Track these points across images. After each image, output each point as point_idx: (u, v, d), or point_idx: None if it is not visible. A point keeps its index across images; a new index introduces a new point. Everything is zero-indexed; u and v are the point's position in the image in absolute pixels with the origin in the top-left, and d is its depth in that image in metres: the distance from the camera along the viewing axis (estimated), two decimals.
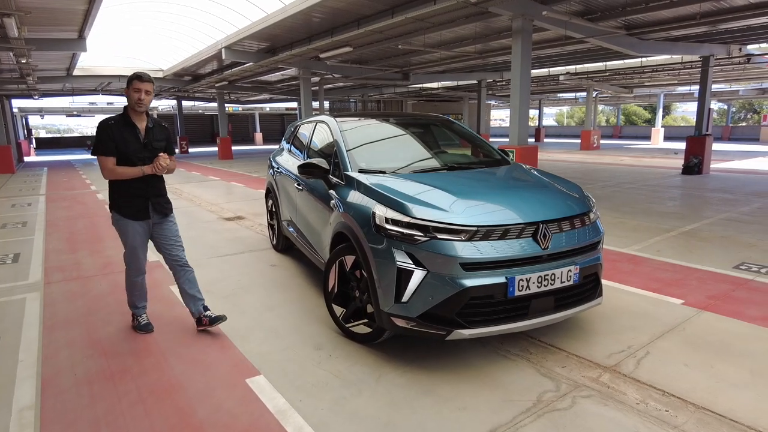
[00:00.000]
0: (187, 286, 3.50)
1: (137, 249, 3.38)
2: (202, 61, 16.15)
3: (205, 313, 3.51)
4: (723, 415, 2.48)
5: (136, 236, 3.34)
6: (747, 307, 3.85)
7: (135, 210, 3.28)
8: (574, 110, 58.80)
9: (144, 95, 3.16)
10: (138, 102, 3.16)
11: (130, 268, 3.43)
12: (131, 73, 3.21)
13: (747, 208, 8.06)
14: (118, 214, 3.29)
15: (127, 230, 3.31)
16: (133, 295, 3.53)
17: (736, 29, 10.92)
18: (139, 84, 3.14)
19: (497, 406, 2.58)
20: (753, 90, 28.15)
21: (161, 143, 3.35)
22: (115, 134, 3.15)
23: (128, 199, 3.26)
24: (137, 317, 3.57)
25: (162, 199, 3.43)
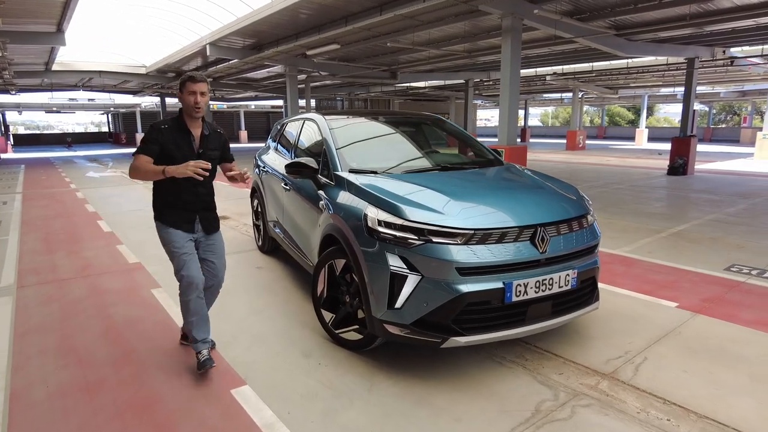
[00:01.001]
0: (209, 302, 3.12)
1: (187, 257, 2.85)
2: (186, 57, 15.84)
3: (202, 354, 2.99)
4: (726, 424, 2.42)
5: (185, 243, 2.87)
6: (741, 311, 3.81)
7: (181, 221, 2.88)
8: (558, 111, 59.29)
9: (200, 98, 2.78)
10: (195, 107, 2.77)
11: (182, 284, 2.85)
12: (183, 75, 2.81)
13: (733, 209, 8.11)
14: (161, 222, 2.90)
15: (172, 238, 2.86)
16: (189, 320, 2.87)
17: (721, 32, 11.03)
18: (193, 86, 2.76)
19: (494, 417, 2.48)
20: (734, 92, 28.62)
21: (216, 152, 2.98)
22: (165, 139, 2.77)
23: (174, 208, 2.88)
24: (198, 354, 2.89)
25: (210, 214, 3.03)
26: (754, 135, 26.26)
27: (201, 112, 2.81)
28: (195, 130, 2.88)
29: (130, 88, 25.78)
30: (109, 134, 45.77)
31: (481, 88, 26.48)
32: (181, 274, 2.84)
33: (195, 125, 2.87)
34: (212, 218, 3.04)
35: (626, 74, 19.55)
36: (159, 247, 6.08)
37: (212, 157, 2.93)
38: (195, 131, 2.88)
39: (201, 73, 2.78)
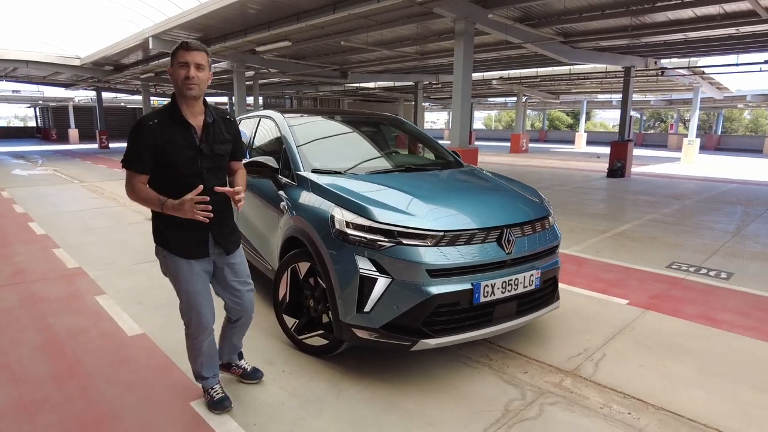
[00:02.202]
0: (238, 336, 2.64)
1: (198, 295, 2.31)
2: (126, 50, 15.00)
3: (239, 363, 2.73)
4: (681, 414, 2.53)
5: (195, 278, 2.30)
6: (684, 306, 4.03)
7: (190, 244, 2.26)
8: (501, 114, 61.10)
9: (193, 70, 2.11)
10: (187, 82, 2.11)
11: (190, 327, 2.38)
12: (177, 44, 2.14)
13: (668, 209, 8.64)
14: (166, 250, 2.27)
15: (179, 271, 2.28)
16: (199, 362, 2.47)
17: (655, 43, 11.73)
18: (185, 55, 2.10)
19: (466, 419, 2.47)
20: (662, 101, 30.59)
21: (225, 146, 2.31)
22: (156, 139, 2.12)
23: (179, 228, 2.21)
24: (208, 390, 2.50)
25: (226, 228, 2.38)
26: (680, 141, 28.22)
27: (195, 90, 2.14)
28: (194, 119, 2.21)
29: (62, 80, 24.14)
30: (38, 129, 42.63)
31: (429, 90, 26.83)
32: (191, 316, 2.33)
33: (193, 112, 2.21)
34: (229, 232, 2.40)
35: (568, 80, 20.41)
36: (101, 250, 5.73)
37: (220, 153, 2.29)
38: (194, 120, 2.21)
39: (197, 42, 2.17)
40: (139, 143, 2.13)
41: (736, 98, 26.42)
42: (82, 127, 34.26)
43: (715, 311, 3.93)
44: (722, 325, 3.67)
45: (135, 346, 3.20)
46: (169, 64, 2.19)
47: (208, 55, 2.20)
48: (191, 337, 2.41)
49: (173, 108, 2.20)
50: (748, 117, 45.59)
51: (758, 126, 44.27)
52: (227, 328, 2.62)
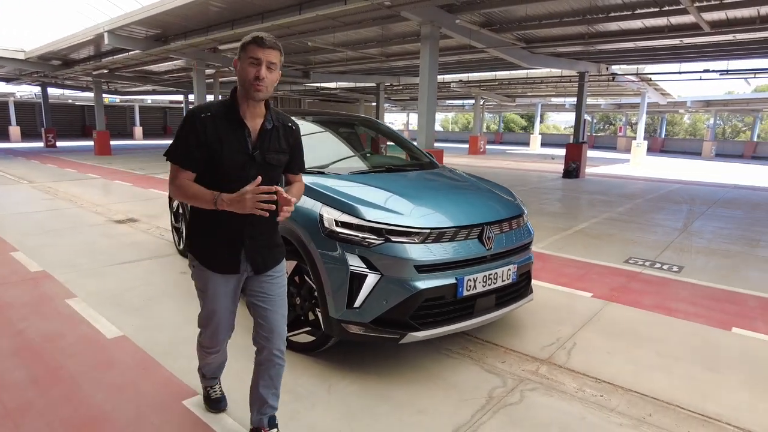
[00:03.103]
0: (264, 381, 2.12)
1: (218, 314, 2.11)
2: (77, 44, 14.38)
3: (270, 430, 2.16)
4: (646, 394, 2.77)
5: (220, 297, 2.08)
6: (642, 297, 4.34)
7: (220, 258, 2.02)
8: (458, 116, 62.24)
9: (264, 71, 1.85)
10: (256, 83, 1.85)
11: (203, 338, 2.23)
12: (247, 36, 1.88)
13: (622, 208, 9.15)
14: (195, 257, 2.07)
15: (207, 287, 2.07)
16: (203, 364, 2.41)
17: (607, 50, 12.36)
18: (258, 51, 1.84)
19: (454, 406, 2.61)
20: (611, 104, 32.10)
21: (281, 156, 2.04)
22: (209, 135, 1.89)
23: (213, 238, 2.01)
24: (208, 387, 2.49)
25: (263, 241, 2.06)
26: (628, 143, 29.70)
27: (263, 93, 1.88)
28: (252, 121, 1.96)
29: (3, 74, 22.81)
30: None
31: (390, 92, 27.08)
32: (205, 330, 2.20)
33: (253, 113, 1.96)
34: (265, 246, 2.07)
35: (524, 84, 21.12)
36: (65, 252, 5.58)
37: (272, 163, 2.00)
38: (252, 122, 1.96)
39: (273, 38, 1.88)
40: (189, 136, 1.90)
41: (677, 104, 28.07)
42: (25, 125, 32.47)
43: (669, 301, 4.25)
44: (677, 313, 3.98)
45: (117, 349, 3.16)
46: (237, 56, 1.92)
47: (282, 54, 1.93)
48: (202, 347, 2.30)
49: (231, 104, 1.95)
50: (688, 121, 48.45)
51: (696, 130, 47.10)
52: (255, 369, 2.15)
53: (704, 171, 18.73)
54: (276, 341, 2.09)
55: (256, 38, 1.85)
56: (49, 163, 16.20)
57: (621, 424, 2.49)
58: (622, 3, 8.53)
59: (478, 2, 8.38)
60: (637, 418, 2.55)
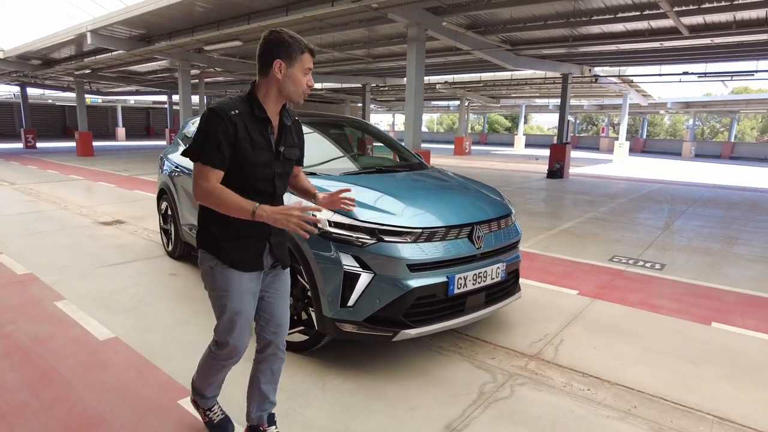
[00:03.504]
0: (267, 377, 2.14)
1: (244, 315, 2.00)
2: (59, 44, 14.17)
3: (269, 427, 2.21)
4: (632, 387, 2.86)
5: (246, 296, 1.99)
6: (627, 294, 4.46)
7: (248, 256, 1.97)
8: (443, 118, 62.59)
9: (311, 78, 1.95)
10: (307, 90, 1.94)
11: (223, 349, 2.05)
12: (288, 39, 1.85)
13: (606, 208, 9.33)
14: (217, 258, 1.95)
15: (232, 287, 1.95)
16: (208, 383, 2.21)
17: (590, 53, 12.58)
18: (311, 61, 1.92)
19: (446, 401, 2.67)
20: (594, 106, 32.60)
21: (296, 150, 2.09)
22: (239, 132, 1.83)
23: (238, 238, 1.94)
24: (207, 411, 2.27)
25: (283, 240, 2.10)
26: (610, 143, 30.16)
27: (302, 101, 1.96)
28: (274, 118, 1.95)
29: None
30: None
31: (376, 92, 27.14)
32: (228, 340, 2.02)
33: (275, 111, 1.95)
34: (285, 244, 2.12)
35: (508, 85, 21.35)
36: (52, 255, 5.54)
37: (289, 158, 2.04)
38: (274, 119, 1.96)
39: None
40: (219, 134, 1.80)
41: (658, 105, 28.64)
42: (3, 126, 31.88)
43: (653, 298, 4.37)
44: (660, 309, 4.10)
45: (109, 350, 3.15)
46: (285, 59, 1.85)
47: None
48: (218, 359, 2.10)
49: (255, 101, 1.90)
50: (668, 122, 49.42)
51: (676, 130, 48.06)
52: (255, 366, 2.17)
53: (684, 171, 19.14)
54: (283, 336, 2.13)
55: (312, 50, 1.91)
56: (29, 164, 15.92)
57: (608, 416, 2.58)
58: (605, 7, 8.71)
59: (463, 4, 8.48)
60: (623, 410, 2.64)
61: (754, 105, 28.47)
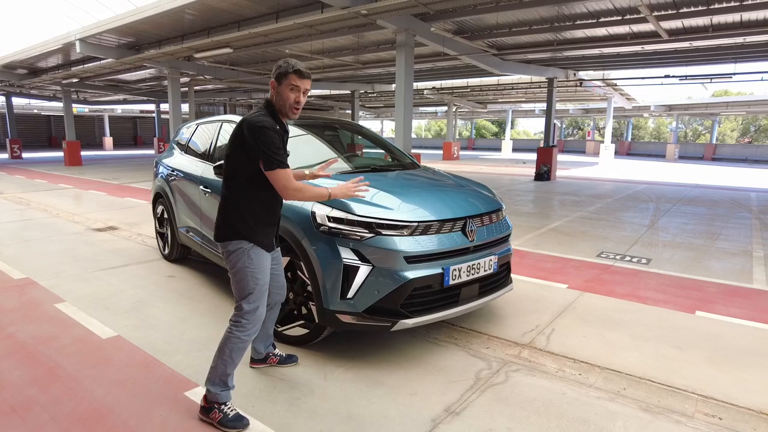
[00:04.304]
0: (270, 323, 2.84)
1: (266, 286, 2.48)
2: (46, 53, 14.13)
3: (275, 351, 2.98)
4: (620, 371, 2.99)
5: (268, 271, 2.49)
6: (615, 287, 4.61)
7: (270, 240, 2.50)
8: (431, 124, 63.02)
9: (302, 96, 2.37)
10: (296, 106, 2.36)
11: (251, 319, 2.41)
12: (282, 64, 2.33)
13: (593, 207, 9.53)
14: (252, 242, 2.37)
15: (262, 263, 2.42)
16: (231, 364, 2.42)
17: (575, 57, 12.85)
18: (298, 80, 2.32)
19: (443, 387, 2.77)
20: (579, 110, 33.13)
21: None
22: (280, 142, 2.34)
23: (266, 225, 2.45)
24: (221, 406, 2.39)
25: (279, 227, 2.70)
26: (596, 147, 30.63)
27: (297, 114, 2.41)
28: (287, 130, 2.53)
29: None
30: None
31: (365, 99, 27.33)
32: (259, 304, 2.42)
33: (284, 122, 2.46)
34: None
35: (495, 90, 21.67)
36: (47, 260, 5.59)
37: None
38: None
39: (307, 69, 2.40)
40: (278, 143, 2.30)
41: (642, 108, 29.19)
42: None
43: (639, 290, 4.52)
44: (646, 300, 4.25)
45: (113, 348, 3.21)
46: (276, 79, 2.35)
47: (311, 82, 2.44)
48: (245, 331, 2.40)
49: (276, 117, 2.39)
50: (652, 125, 50.27)
51: (660, 133, 48.90)
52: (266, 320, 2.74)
53: (669, 172, 19.52)
54: (283, 294, 2.81)
55: (297, 70, 2.31)
56: (16, 174, 15.79)
57: (599, 397, 2.70)
58: (587, 12, 8.95)
59: (450, 11, 8.65)
60: (613, 391, 2.76)
61: (733, 107, 29.14)
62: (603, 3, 8.37)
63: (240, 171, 2.35)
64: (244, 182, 2.36)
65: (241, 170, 2.35)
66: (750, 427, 2.45)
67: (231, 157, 2.38)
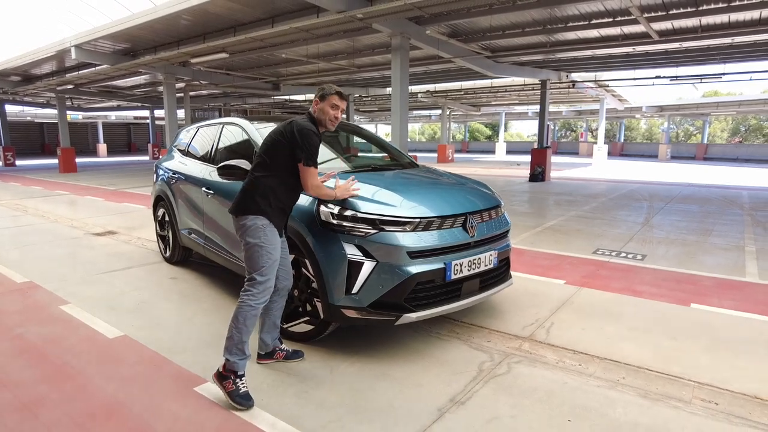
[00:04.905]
0: (278, 313, 2.99)
1: (277, 262, 2.75)
2: (41, 59, 14.12)
3: (281, 346, 3.08)
4: (619, 361, 3.07)
5: (278, 250, 2.76)
6: (611, 282, 4.70)
7: (282, 223, 2.84)
8: (424, 127, 63.22)
9: (340, 114, 2.86)
10: (334, 120, 2.83)
11: (262, 288, 2.67)
12: (326, 87, 2.83)
13: (588, 207, 9.65)
14: (268, 220, 2.69)
15: (274, 240, 2.71)
16: (246, 331, 2.65)
17: (567, 59, 13.02)
18: (340, 101, 2.82)
19: (448, 378, 2.84)
20: (572, 111, 33.42)
21: None
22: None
23: (283, 214, 2.82)
24: (236, 377, 2.58)
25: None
26: (589, 148, 30.88)
27: (334, 127, 2.87)
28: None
29: None
30: None
31: (359, 103, 27.47)
32: (270, 276, 2.70)
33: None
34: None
35: (488, 93, 21.84)
36: (49, 264, 5.63)
37: None
38: None
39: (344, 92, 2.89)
40: (316, 144, 2.73)
41: (634, 109, 29.47)
42: None
43: (635, 285, 4.61)
44: (642, 294, 4.34)
45: (121, 347, 3.26)
46: (320, 98, 2.82)
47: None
48: (256, 298, 2.66)
49: (316, 125, 2.83)
50: (644, 126, 50.69)
51: (653, 134, 49.32)
52: (270, 304, 2.88)
53: (661, 172, 19.73)
54: (290, 281, 3.00)
55: (339, 92, 2.82)
56: (11, 181, 15.75)
57: (599, 386, 2.78)
58: (579, 14, 9.09)
59: (444, 14, 8.77)
60: (612, 380, 2.84)
61: (723, 107, 29.49)
62: (594, 5, 8.51)
63: (279, 161, 2.73)
64: (278, 169, 2.73)
65: (280, 160, 2.73)
66: (746, 412, 2.53)
67: (272, 148, 2.76)
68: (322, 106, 2.81)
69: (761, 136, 44.59)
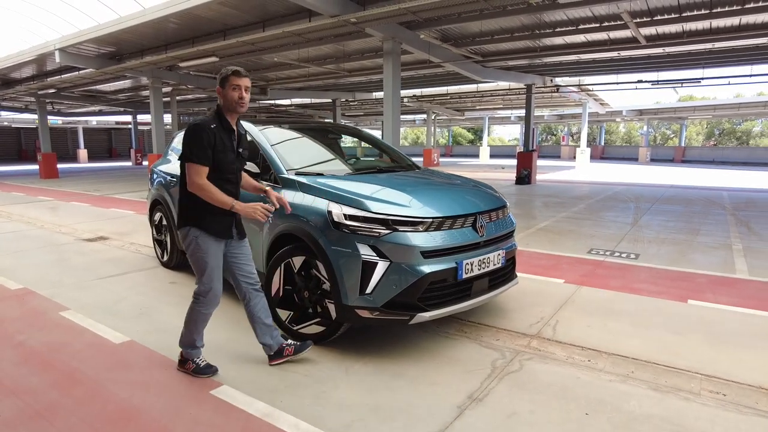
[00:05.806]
0: (262, 314, 2.97)
1: (218, 270, 2.82)
2: (22, 63, 13.84)
3: (287, 342, 3.07)
4: (626, 356, 3.15)
5: (219, 255, 2.80)
6: (609, 281, 4.79)
7: (222, 227, 2.77)
8: (407, 132, 63.50)
9: (244, 93, 2.73)
10: (241, 102, 2.71)
11: (206, 297, 2.81)
12: (222, 71, 2.74)
13: (577, 208, 9.82)
14: (200, 229, 2.72)
15: (209, 249, 2.75)
16: (199, 330, 2.89)
17: (552, 63, 13.25)
18: (237, 80, 2.70)
19: (462, 377, 2.87)
20: (554, 116, 33.93)
21: (246, 152, 2.96)
22: (215, 140, 2.65)
23: (216, 216, 2.73)
24: (194, 360, 2.90)
25: (240, 218, 2.90)
26: (571, 151, 31.37)
27: (245, 108, 2.75)
28: (234, 129, 2.82)
29: None
30: None
31: (345, 108, 27.47)
32: (212, 286, 2.79)
33: (233, 123, 2.80)
34: (241, 221, 2.95)
35: (473, 97, 22.07)
36: (43, 271, 5.53)
37: (244, 157, 2.93)
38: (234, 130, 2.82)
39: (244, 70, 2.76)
40: (204, 141, 2.64)
41: (614, 113, 30.06)
42: None
43: (632, 282, 4.72)
44: (641, 291, 4.44)
45: (128, 352, 3.22)
46: (220, 85, 2.73)
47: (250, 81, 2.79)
48: (204, 306, 2.83)
49: (223, 118, 2.75)
50: (623, 130, 51.73)
51: (632, 137, 50.36)
52: (250, 308, 2.96)
53: (643, 174, 20.15)
54: (254, 280, 2.96)
55: (236, 71, 2.71)
56: None
57: (610, 380, 2.84)
58: (567, 19, 9.28)
59: (436, 19, 8.86)
60: (623, 374, 2.90)
61: (700, 111, 30.28)
62: (582, 11, 8.69)
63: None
64: None
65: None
66: (753, 401, 2.62)
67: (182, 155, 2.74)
68: (224, 92, 2.72)
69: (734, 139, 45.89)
